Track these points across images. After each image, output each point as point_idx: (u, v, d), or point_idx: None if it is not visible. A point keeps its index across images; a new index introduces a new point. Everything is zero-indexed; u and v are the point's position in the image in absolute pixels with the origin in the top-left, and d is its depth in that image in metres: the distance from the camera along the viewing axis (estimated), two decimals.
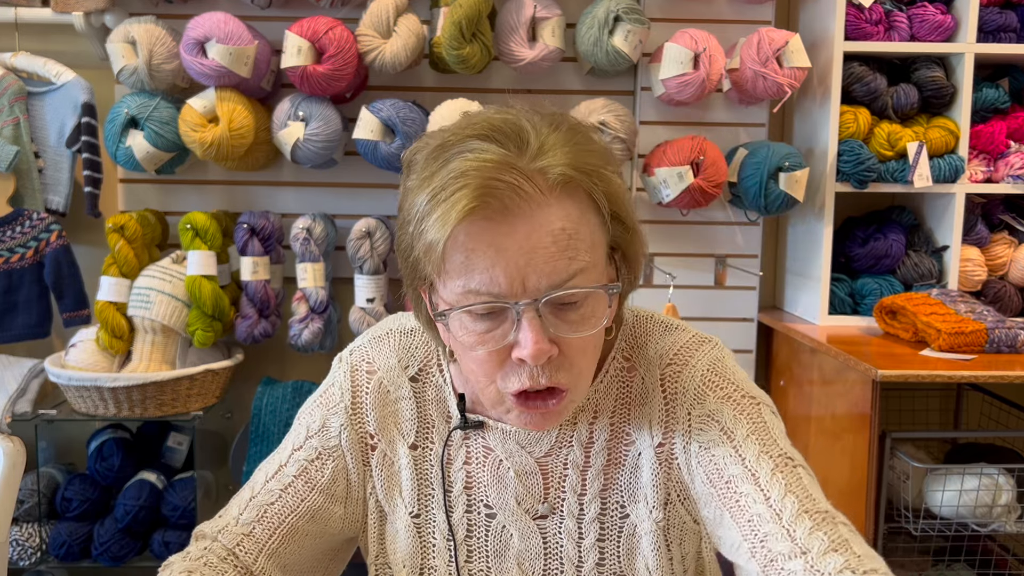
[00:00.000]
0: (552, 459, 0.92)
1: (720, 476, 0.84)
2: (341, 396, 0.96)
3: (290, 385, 2.28)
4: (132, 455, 2.28)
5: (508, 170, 0.75)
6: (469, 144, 0.77)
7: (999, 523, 1.90)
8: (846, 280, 2.31)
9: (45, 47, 2.30)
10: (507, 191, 0.75)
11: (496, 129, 0.78)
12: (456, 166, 0.76)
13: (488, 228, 0.75)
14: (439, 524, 0.94)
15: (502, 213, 0.75)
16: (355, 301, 2.26)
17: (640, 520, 0.90)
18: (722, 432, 0.86)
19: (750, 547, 0.81)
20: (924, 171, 2.16)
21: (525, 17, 2.14)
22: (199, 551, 0.89)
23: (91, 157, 2.22)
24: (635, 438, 0.91)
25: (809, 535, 0.78)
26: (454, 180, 0.75)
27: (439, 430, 0.95)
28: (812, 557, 0.76)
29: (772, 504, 0.81)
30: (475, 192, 0.74)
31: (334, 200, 2.39)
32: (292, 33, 2.05)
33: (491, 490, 0.93)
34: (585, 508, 0.91)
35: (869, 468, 1.83)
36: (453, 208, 0.74)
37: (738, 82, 2.19)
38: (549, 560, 0.92)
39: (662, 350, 0.92)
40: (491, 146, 0.76)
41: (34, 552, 2.20)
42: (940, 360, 1.87)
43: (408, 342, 0.98)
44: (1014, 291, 2.29)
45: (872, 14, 2.19)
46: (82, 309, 2.25)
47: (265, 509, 0.92)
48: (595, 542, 0.91)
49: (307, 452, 0.95)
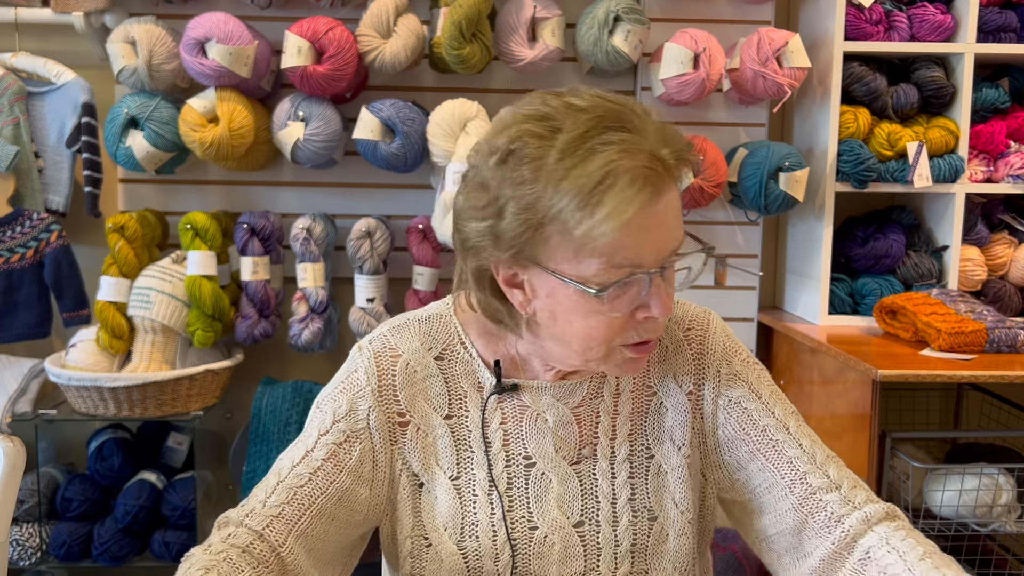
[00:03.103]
0: (585, 408, 1.03)
1: (755, 426, 1.01)
2: (367, 380, 1.02)
3: (290, 385, 2.28)
4: (132, 455, 2.28)
5: (652, 159, 0.84)
6: (609, 136, 0.83)
7: (999, 523, 1.90)
8: (846, 280, 2.31)
9: (45, 47, 2.30)
10: (655, 178, 0.84)
11: (622, 118, 0.85)
12: (610, 158, 0.82)
13: (642, 212, 0.83)
14: (480, 481, 1.01)
15: (653, 197, 0.84)
16: (355, 301, 2.26)
17: (667, 459, 1.03)
18: (751, 390, 1.03)
19: (788, 483, 0.98)
20: (924, 171, 2.16)
21: (525, 17, 2.14)
22: (222, 542, 0.90)
23: (91, 157, 2.22)
24: (656, 389, 1.04)
25: (839, 474, 0.98)
26: (613, 174, 0.82)
27: (472, 399, 1.03)
28: (844, 491, 0.97)
29: (805, 449, 0.99)
30: (640, 184, 0.82)
31: (334, 200, 2.39)
32: (292, 33, 2.05)
33: (530, 441, 1.02)
34: (616, 450, 1.03)
35: (869, 468, 1.83)
36: (625, 201, 0.82)
37: (738, 82, 2.19)
38: (586, 499, 1.02)
39: (675, 318, 1.07)
40: (630, 136, 0.84)
41: (34, 552, 2.20)
42: (940, 360, 1.87)
43: (427, 327, 1.05)
44: (1014, 291, 2.29)
45: (872, 14, 2.19)
46: (82, 309, 2.25)
47: (295, 491, 0.95)
48: (627, 479, 1.02)
49: (335, 435, 1.00)
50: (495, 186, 0.87)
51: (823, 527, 0.95)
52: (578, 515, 1.01)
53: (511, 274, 0.91)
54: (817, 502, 0.96)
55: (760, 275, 2.40)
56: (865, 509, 0.95)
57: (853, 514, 0.95)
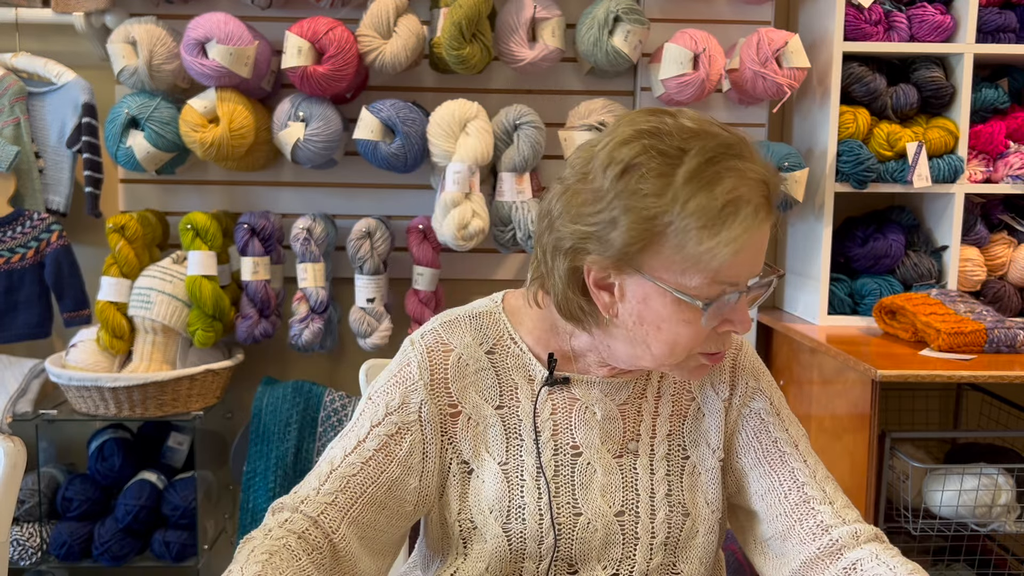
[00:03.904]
0: (630, 406, 1.09)
1: (768, 436, 1.08)
2: (420, 374, 1.07)
3: (290, 385, 2.28)
4: (132, 455, 2.28)
5: (765, 188, 0.91)
6: (732, 163, 0.90)
7: (999, 523, 1.90)
8: (846, 280, 2.31)
9: (45, 47, 2.31)
10: (767, 206, 0.92)
11: (737, 147, 0.91)
12: (735, 185, 0.89)
13: (753, 236, 0.90)
14: (528, 467, 1.06)
15: (765, 223, 0.92)
16: (355, 301, 2.26)
17: (701, 460, 1.09)
18: (771, 406, 1.10)
19: (785, 489, 1.04)
20: (923, 171, 2.17)
21: (525, 17, 2.14)
22: (279, 527, 0.94)
23: (91, 157, 2.22)
24: (695, 395, 1.11)
25: (835, 492, 1.04)
26: (737, 201, 0.88)
27: (524, 390, 1.08)
28: (837, 506, 1.02)
29: (809, 465, 1.06)
30: (762, 215, 0.90)
31: (334, 200, 2.39)
32: (292, 33, 2.06)
33: (578, 432, 1.07)
34: (655, 448, 1.09)
35: (869, 468, 1.83)
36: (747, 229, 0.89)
37: (738, 82, 2.19)
38: (627, 491, 1.07)
39: None
40: (746, 164, 0.90)
41: (35, 552, 2.20)
42: (940, 360, 1.87)
43: (478, 323, 1.10)
44: (1013, 291, 2.29)
45: (871, 14, 2.19)
46: (82, 309, 2.25)
47: (348, 480, 1.00)
48: (664, 476, 1.08)
49: (387, 427, 1.04)
50: (612, 196, 0.91)
51: (809, 533, 1.00)
52: (619, 505, 1.06)
53: (603, 276, 0.96)
54: (809, 509, 1.02)
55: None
56: (855, 526, 0.99)
57: (842, 527, 0.99)
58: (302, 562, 0.91)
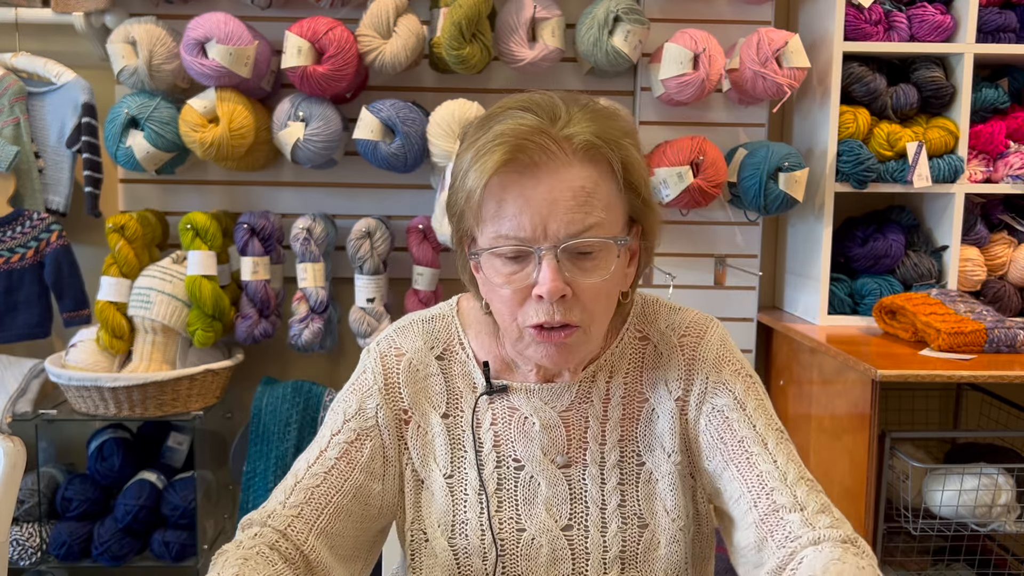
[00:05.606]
0: (573, 413, 1.04)
1: (733, 436, 0.99)
2: (374, 379, 1.06)
3: (290, 385, 2.28)
4: (132, 455, 2.28)
5: (539, 134, 0.89)
6: (510, 113, 0.92)
7: (998, 523, 1.90)
8: (846, 280, 2.31)
9: (45, 47, 2.31)
10: (536, 150, 0.88)
11: (534, 103, 0.92)
12: (496, 129, 0.90)
13: (518, 180, 0.89)
14: (471, 481, 1.03)
15: (531, 168, 0.89)
16: (355, 301, 2.26)
17: (657, 466, 1.03)
18: (735, 400, 1.01)
19: (754, 497, 0.95)
20: (923, 171, 2.17)
21: (525, 17, 2.14)
22: (250, 539, 0.94)
23: (91, 157, 2.22)
24: (648, 396, 1.04)
25: (807, 496, 0.93)
26: (493, 139, 0.89)
27: (467, 399, 1.05)
28: (808, 513, 0.91)
29: (779, 466, 0.96)
30: (508, 148, 0.88)
31: (334, 200, 2.39)
32: (292, 33, 2.06)
33: (518, 444, 1.03)
34: (606, 456, 1.03)
35: (869, 468, 1.83)
36: (489, 160, 0.88)
37: (738, 82, 2.19)
38: (575, 503, 1.02)
39: (673, 324, 1.06)
40: (527, 115, 0.91)
41: (34, 552, 2.20)
42: (940, 360, 1.87)
43: (431, 327, 1.09)
44: (1013, 291, 2.29)
45: (872, 14, 2.19)
46: (82, 309, 2.25)
47: (312, 491, 0.99)
48: (616, 485, 1.02)
49: (346, 435, 1.04)
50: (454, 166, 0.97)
51: (779, 545, 0.91)
52: (566, 519, 1.02)
53: (472, 253, 0.97)
54: (778, 520, 0.92)
55: (760, 275, 2.40)
56: (821, 532, 0.89)
57: (807, 535, 0.89)
58: (278, 567, 0.90)
